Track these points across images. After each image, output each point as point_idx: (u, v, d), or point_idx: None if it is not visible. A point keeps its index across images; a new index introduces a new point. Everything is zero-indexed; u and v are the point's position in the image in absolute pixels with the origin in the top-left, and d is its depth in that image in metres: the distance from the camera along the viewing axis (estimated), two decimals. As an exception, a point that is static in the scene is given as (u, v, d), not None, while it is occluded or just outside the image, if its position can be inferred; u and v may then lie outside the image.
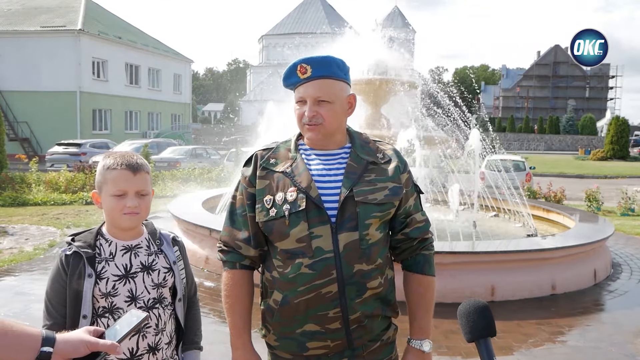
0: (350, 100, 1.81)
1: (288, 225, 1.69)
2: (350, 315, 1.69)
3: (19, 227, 9.03)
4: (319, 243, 1.67)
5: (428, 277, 1.84)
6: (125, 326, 1.25)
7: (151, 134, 36.45)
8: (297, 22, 62.57)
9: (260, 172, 1.78)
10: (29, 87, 30.22)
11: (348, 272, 1.67)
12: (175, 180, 14.96)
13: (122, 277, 1.75)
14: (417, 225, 1.83)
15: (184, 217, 6.68)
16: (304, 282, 1.67)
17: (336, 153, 1.80)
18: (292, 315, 1.71)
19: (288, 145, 1.84)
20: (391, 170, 1.79)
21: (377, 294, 1.73)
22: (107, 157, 1.80)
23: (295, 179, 1.73)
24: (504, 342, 4.30)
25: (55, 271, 1.76)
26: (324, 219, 1.68)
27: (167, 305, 1.83)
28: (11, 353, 1.10)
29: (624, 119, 39.89)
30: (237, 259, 1.81)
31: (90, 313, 1.72)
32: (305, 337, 1.71)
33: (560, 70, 76.50)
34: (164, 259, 1.84)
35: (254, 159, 1.82)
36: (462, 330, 1.31)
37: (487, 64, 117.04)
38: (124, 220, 1.76)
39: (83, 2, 33.86)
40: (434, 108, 9.39)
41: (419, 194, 1.89)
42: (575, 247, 5.95)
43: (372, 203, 1.71)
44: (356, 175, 1.74)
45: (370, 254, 1.70)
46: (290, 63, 1.79)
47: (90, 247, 1.76)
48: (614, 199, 13.27)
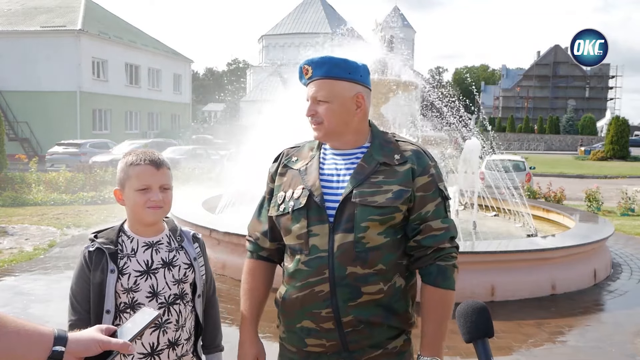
0: (357, 99, 1.77)
1: (291, 221, 1.74)
2: (342, 318, 1.67)
3: (19, 227, 9.03)
4: (315, 241, 1.69)
5: (441, 290, 1.70)
6: (137, 324, 1.25)
7: (151, 134, 36.46)
8: (297, 22, 62.53)
9: (280, 169, 1.85)
10: (29, 87, 30.19)
11: (340, 273, 1.66)
12: (175, 180, 14.91)
13: (143, 272, 1.79)
14: (432, 234, 1.71)
15: (184, 217, 6.67)
16: (301, 278, 1.71)
17: (351, 153, 1.79)
18: (291, 310, 1.74)
19: (313, 145, 1.86)
20: (403, 173, 1.72)
21: (377, 300, 1.68)
22: (128, 155, 1.84)
23: (304, 177, 1.77)
24: (503, 342, 4.30)
25: (79, 267, 1.81)
26: (322, 218, 1.70)
27: (188, 302, 1.87)
28: (23, 352, 1.10)
29: (624, 119, 39.90)
30: (256, 250, 1.90)
31: (113, 308, 1.75)
32: (303, 333, 1.73)
33: (560, 70, 76.48)
34: (184, 255, 1.87)
35: (280, 156, 1.89)
36: (460, 331, 1.32)
37: (487, 64, 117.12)
38: (147, 214, 1.79)
39: (83, 2, 33.85)
40: (432, 109, 9.39)
41: (443, 200, 1.76)
42: (575, 247, 5.96)
43: (371, 205, 1.67)
44: (363, 175, 1.71)
45: (368, 257, 1.66)
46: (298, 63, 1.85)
47: (112, 243, 1.80)
48: (614, 199, 13.27)
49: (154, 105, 38.83)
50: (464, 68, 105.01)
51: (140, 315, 1.29)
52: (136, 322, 1.26)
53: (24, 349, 1.10)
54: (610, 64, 73.09)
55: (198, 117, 65.18)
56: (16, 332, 1.10)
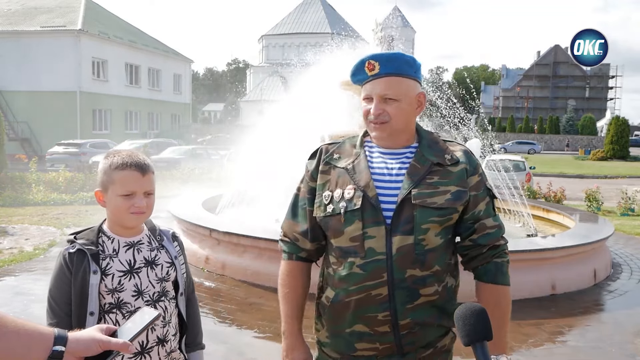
0: (419, 98, 1.76)
1: (343, 222, 1.66)
2: (400, 321, 1.64)
3: (19, 227, 9.03)
4: (372, 244, 1.63)
5: (501, 286, 1.72)
6: (137, 324, 1.25)
7: (151, 134, 36.46)
8: (297, 22, 62.55)
9: (322, 167, 1.76)
10: (29, 87, 30.17)
11: (399, 276, 1.62)
12: (175, 180, 14.97)
13: (127, 272, 1.78)
14: (487, 232, 1.71)
15: (184, 217, 6.68)
16: (355, 281, 1.64)
17: (401, 152, 1.74)
18: (342, 314, 1.69)
19: (354, 141, 1.80)
20: (457, 173, 1.70)
21: (432, 301, 1.67)
22: (112, 156, 1.79)
23: (354, 176, 1.69)
24: (503, 342, 4.29)
25: (59, 269, 1.77)
26: (379, 220, 1.64)
27: (172, 299, 1.87)
28: (24, 352, 1.10)
29: (624, 119, 39.94)
30: (295, 251, 1.82)
31: (97, 310, 1.73)
32: (353, 337, 1.69)
33: (560, 70, 76.50)
34: (165, 254, 1.87)
35: (318, 153, 1.80)
36: (459, 334, 1.31)
37: (487, 64, 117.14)
38: (130, 220, 1.78)
39: (83, 2, 33.85)
40: (432, 109, 9.38)
41: (492, 199, 1.78)
42: (575, 247, 5.95)
43: (431, 207, 1.64)
44: (418, 176, 1.67)
45: (425, 259, 1.64)
46: (359, 58, 1.74)
47: (93, 244, 1.78)
48: (613, 199, 13.26)
49: (154, 105, 38.82)
50: (464, 68, 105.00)
51: (140, 315, 1.28)
52: (136, 322, 1.25)
53: (24, 349, 1.10)
54: (610, 64, 73.20)
55: (198, 117, 65.20)
56: (16, 332, 1.10)
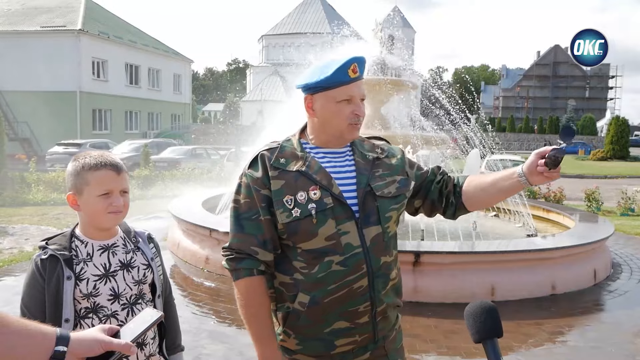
0: None
1: (315, 224, 1.67)
2: (377, 308, 1.73)
3: (19, 227, 9.03)
4: (348, 239, 1.69)
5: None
6: (139, 325, 1.25)
7: (151, 134, 36.46)
8: (297, 22, 62.52)
9: (272, 173, 1.73)
10: (29, 87, 30.18)
11: (376, 264, 1.72)
12: (175, 180, 14.97)
13: (102, 276, 1.74)
14: (432, 169, 1.96)
15: (184, 217, 6.67)
16: (335, 279, 1.67)
17: (342, 152, 1.83)
18: (321, 315, 1.70)
19: (291, 144, 1.80)
20: (396, 165, 1.86)
21: (395, 284, 1.81)
22: (83, 158, 1.76)
23: (314, 177, 1.71)
24: (504, 342, 4.29)
25: (31, 276, 1.72)
26: (349, 215, 1.70)
27: (148, 301, 1.84)
28: (26, 352, 1.10)
29: (624, 119, 39.92)
30: (254, 265, 1.73)
31: (72, 316, 1.69)
32: (333, 336, 1.71)
33: (560, 70, 76.50)
34: (141, 256, 1.84)
35: (260, 159, 1.76)
36: (470, 331, 1.33)
37: (487, 64, 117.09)
38: (108, 220, 1.75)
39: (83, 2, 33.88)
40: (432, 108, 9.38)
41: None
42: (575, 247, 5.95)
43: (388, 197, 1.77)
44: (367, 171, 1.78)
45: (390, 246, 1.78)
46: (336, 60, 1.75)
47: (66, 249, 1.73)
48: (613, 199, 13.26)
49: (154, 105, 38.83)
50: (464, 68, 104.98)
51: (142, 316, 1.28)
52: (138, 323, 1.25)
53: (26, 349, 1.10)
54: (610, 64, 73.11)
55: (198, 117, 65.20)
56: (18, 332, 1.10)
